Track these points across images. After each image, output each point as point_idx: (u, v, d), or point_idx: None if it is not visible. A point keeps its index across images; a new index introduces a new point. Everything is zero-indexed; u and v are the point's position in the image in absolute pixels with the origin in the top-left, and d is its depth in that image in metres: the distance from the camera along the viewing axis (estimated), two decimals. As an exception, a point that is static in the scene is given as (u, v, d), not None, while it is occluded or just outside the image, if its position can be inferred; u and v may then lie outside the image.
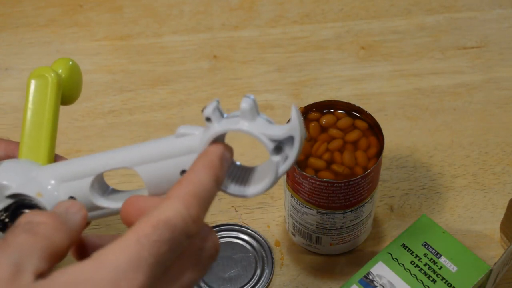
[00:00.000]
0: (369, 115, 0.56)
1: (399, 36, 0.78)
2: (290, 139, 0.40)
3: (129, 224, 0.39)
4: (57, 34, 0.79)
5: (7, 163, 0.44)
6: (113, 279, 0.33)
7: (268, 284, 0.60)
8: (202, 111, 0.40)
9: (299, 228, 0.59)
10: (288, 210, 0.60)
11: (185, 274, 0.37)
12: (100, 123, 0.71)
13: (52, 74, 0.46)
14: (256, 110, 0.40)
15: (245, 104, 0.39)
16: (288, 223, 0.61)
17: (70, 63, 0.48)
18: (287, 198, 0.59)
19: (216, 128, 0.40)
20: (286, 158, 0.40)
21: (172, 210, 0.35)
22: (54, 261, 0.35)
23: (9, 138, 0.49)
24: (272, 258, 0.61)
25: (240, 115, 0.40)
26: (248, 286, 0.60)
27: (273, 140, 0.40)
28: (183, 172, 0.41)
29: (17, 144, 0.46)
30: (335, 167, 0.55)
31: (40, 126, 0.46)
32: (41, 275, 0.33)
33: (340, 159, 0.55)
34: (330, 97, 0.72)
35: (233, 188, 0.41)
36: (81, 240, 0.40)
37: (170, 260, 0.35)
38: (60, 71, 0.47)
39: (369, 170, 0.53)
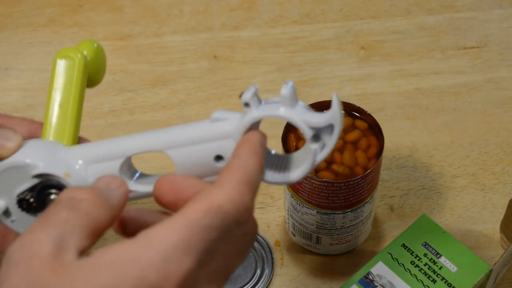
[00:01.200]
0: (369, 115, 0.56)
1: (399, 36, 0.78)
2: (329, 127, 0.39)
3: (162, 202, 0.38)
4: (57, 34, 0.79)
5: (33, 142, 0.43)
6: (160, 261, 0.32)
7: (268, 284, 0.60)
8: (240, 96, 0.39)
9: (299, 228, 0.59)
10: (288, 210, 0.60)
11: (231, 259, 0.36)
12: (100, 123, 0.71)
13: (79, 55, 0.46)
14: (295, 96, 0.39)
15: (285, 90, 0.38)
16: (288, 223, 0.61)
17: (95, 45, 0.48)
18: (287, 198, 0.59)
19: (255, 113, 0.39)
20: (323, 146, 0.39)
21: (225, 197, 0.34)
22: (95, 238, 0.34)
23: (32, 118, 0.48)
24: (272, 258, 0.61)
25: (280, 101, 0.39)
26: (248, 286, 0.60)
27: (312, 128, 0.39)
28: (217, 157, 0.40)
29: (40, 124, 0.45)
30: (335, 167, 0.55)
31: (66, 107, 0.45)
32: (83, 252, 0.33)
33: (340, 159, 0.55)
34: (330, 97, 0.72)
35: (271, 175, 0.40)
36: (121, 215, 0.39)
37: (218, 246, 0.34)
38: (86, 53, 0.47)
39: (369, 170, 0.53)
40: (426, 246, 0.57)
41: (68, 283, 0.31)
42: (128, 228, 0.39)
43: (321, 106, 0.57)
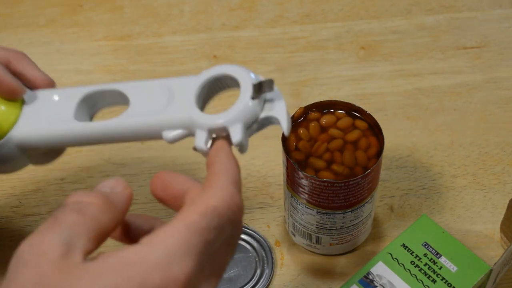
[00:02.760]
0: (369, 115, 0.56)
1: (399, 36, 0.78)
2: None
3: (155, 197, 0.40)
4: (57, 34, 0.79)
5: None
6: (164, 263, 0.33)
7: (268, 284, 0.60)
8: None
9: (299, 228, 0.59)
10: (288, 210, 0.60)
11: (223, 258, 0.38)
12: (100, 123, 0.71)
13: None
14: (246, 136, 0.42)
15: (236, 139, 0.41)
16: (288, 223, 0.61)
17: None
18: (287, 198, 0.59)
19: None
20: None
21: (218, 198, 0.36)
22: (100, 242, 0.35)
23: None
24: (272, 258, 0.61)
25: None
26: (248, 286, 0.60)
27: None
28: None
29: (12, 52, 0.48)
30: (335, 167, 0.55)
31: None
32: (88, 255, 0.34)
33: (340, 159, 0.55)
34: (330, 97, 0.72)
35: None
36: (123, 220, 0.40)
37: (216, 246, 0.36)
38: None
39: (369, 170, 0.53)
40: (426, 246, 0.57)
41: (74, 283, 0.32)
42: (129, 233, 0.41)
43: (321, 106, 0.57)
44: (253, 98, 0.42)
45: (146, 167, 0.67)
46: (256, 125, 0.43)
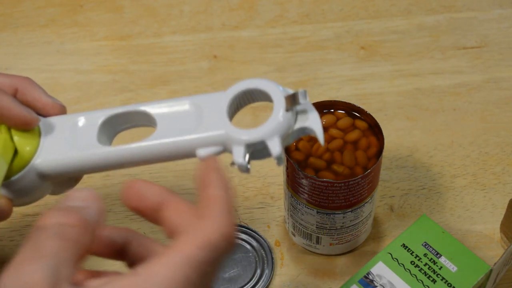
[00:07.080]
0: (369, 115, 0.56)
1: (399, 36, 0.78)
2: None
3: (128, 207, 0.39)
4: (57, 34, 0.79)
5: None
6: None
7: (268, 284, 0.60)
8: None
9: (299, 228, 0.59)
10: (288, 210, 0.60)
11: (213, 281, 0.38)
12: (100, 123, 0.71)
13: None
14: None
15: (275, 152, 0.42)
16: (288, 223, 0.61)
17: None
18: (287, 198, 0.59)
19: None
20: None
21: (216, 231, 0.36)
22: (81, 263, 0.34)
23: None
24: (272, 258, 0.61)
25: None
26: (248, 286, 0.60)
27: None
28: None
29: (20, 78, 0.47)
30: (335, 167, 0.55)
31: None
32: (73, 282, 0.33)
33: (340, 159, 0.55)
34: (330, 97, 0.72)
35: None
36: None
37: (210, 277, 0.36)
38: None
39: (369, 170, 0.53)
40: (426, 246, 0.57)
41: None
42: (112, 249, 0.40)
43: (321, 106, 0.57)
44: (287, 110, 0.42)
45: (146, 167, 0.67)
46: (291, 136, 0.43)
